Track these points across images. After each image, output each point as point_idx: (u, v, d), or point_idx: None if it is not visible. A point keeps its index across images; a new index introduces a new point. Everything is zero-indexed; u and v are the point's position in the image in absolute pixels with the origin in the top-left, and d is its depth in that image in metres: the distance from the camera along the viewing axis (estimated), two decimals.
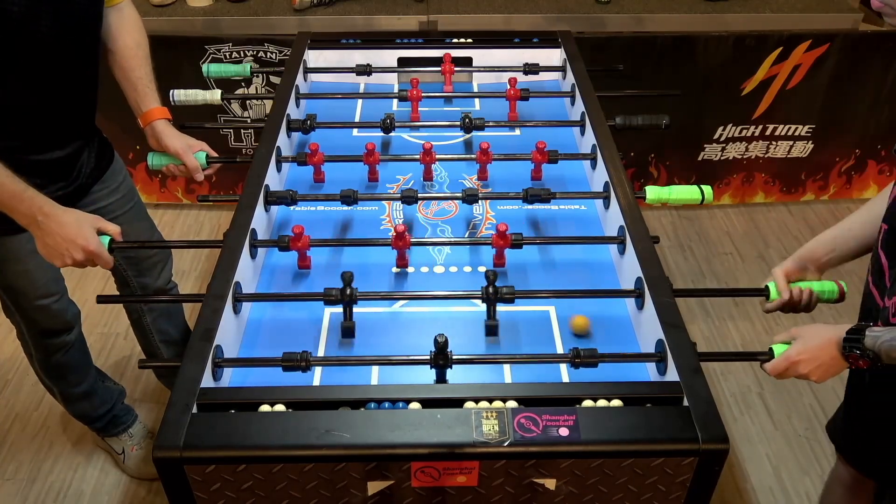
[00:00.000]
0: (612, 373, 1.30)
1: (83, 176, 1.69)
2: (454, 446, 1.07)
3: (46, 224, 1.38)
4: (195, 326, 1.25)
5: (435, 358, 1.23)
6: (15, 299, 1.75)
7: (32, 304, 1.75)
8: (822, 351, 1.21)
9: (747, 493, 2.16)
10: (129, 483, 2.17)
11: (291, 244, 1.47)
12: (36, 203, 1.38)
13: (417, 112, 1.93)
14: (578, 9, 2.78)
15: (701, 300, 2.79)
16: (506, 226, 1.47)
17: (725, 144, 3.08)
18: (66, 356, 1.90)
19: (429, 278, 1.52)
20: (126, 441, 2.17)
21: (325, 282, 1.44)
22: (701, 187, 1.59)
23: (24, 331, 1.85)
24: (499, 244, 1.49)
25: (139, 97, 1.69)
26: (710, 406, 1.12)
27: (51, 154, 1.59)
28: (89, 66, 1.60)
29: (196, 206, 3.22)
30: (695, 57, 2.81)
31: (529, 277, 1.53)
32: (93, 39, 1.58)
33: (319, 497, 1.12)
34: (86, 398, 2.03)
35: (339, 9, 2.78)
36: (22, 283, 1.71)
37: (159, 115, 1.69)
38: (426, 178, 1.77)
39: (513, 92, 1.94)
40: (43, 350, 1.88)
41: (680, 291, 1.36)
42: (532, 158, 1.74)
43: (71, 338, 1.88)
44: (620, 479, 1.11)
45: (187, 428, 1.08)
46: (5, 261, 1.66)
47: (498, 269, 1.52)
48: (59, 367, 1.92)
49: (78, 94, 1.61)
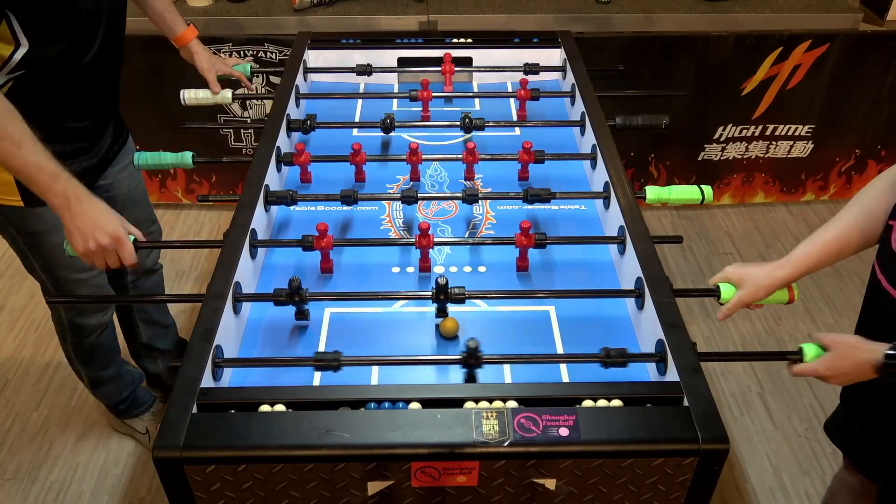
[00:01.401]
0: (612, 373, 1.30)
1: (104, 149, 1.77)
2: (454, 446, 1.07)
3: (79, 207, 1.40)
4: (195, 326, 1.25)
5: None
6: (56, 277, 1.80)
7: (72, 277, 1.80)
8: (854, 369, 1.21)
9: (747, 493, 2.16)
10: (128, 483, 2.17)
11: (315, 244, 1.47)
12: (71, 186, 1.41)
13: (428, 111, 1.94)
14: (578, 9, 2.78)
15: (701, 300, 2.79)
16: (529, 223, 1.47)
17: (725, 144, 3.08)
18: (100, 339, 1.97)
19: (428, 278, 1.52)
20: (149, 420, 2.25)
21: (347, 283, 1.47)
22: (701, 187, 1.59)
23: (63, 312, 1.90)
24: (522, 244, 1.49)
25: (169, 25, 1.91)
26: (710, 406, 1.12)
27: (79, 123, 1.66)
28: (120, 30, 1.70)
29: (196, 206, 3.23)
30: (695, 57, 2.81)
31: (529, 277, 1.53)
32: (123, 3, 1.69)
33: (319, 497, 1.12)
34: (112, 381, 2.11)
35: (339, 9, 2.78)
36: (62, 257, 1.74)
37: (191, 36, 1.94)
38: (413, 179, 1.78)
39: (523, 92, 1.94)
40: (78, 332, 1.94)
41: (680, 291, 1.36)
42: (519, 158, 1.75)
43: (106, 318, 1.95)
44: (620, 479, 1.11)
45: (187, 428, 1.08)
46: (43, 233, 1.71)
47: (521, 273, 1.53)
48: (91, 350, 1.98)
49: (111, 60, 1.68)
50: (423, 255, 1.51)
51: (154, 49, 2.65)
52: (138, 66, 2.74)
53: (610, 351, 1.24)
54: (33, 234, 1.72)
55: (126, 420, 2.25)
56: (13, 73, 1.47)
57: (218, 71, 1.98)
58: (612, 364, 1.24)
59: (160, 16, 1.89)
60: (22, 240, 1.74)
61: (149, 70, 2.75)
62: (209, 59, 1.97)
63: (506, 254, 1.56)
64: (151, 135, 2.88)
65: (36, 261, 1.78)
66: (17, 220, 1.70)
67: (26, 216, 1.68)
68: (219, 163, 1.86)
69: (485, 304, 1.45)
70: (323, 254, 1.50)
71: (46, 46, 1.48)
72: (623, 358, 1.24)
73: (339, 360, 1.21)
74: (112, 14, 1.62)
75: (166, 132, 2.88)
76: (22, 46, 1.44)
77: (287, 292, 1.32)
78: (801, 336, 2.64)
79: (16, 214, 1.68)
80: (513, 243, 1.49)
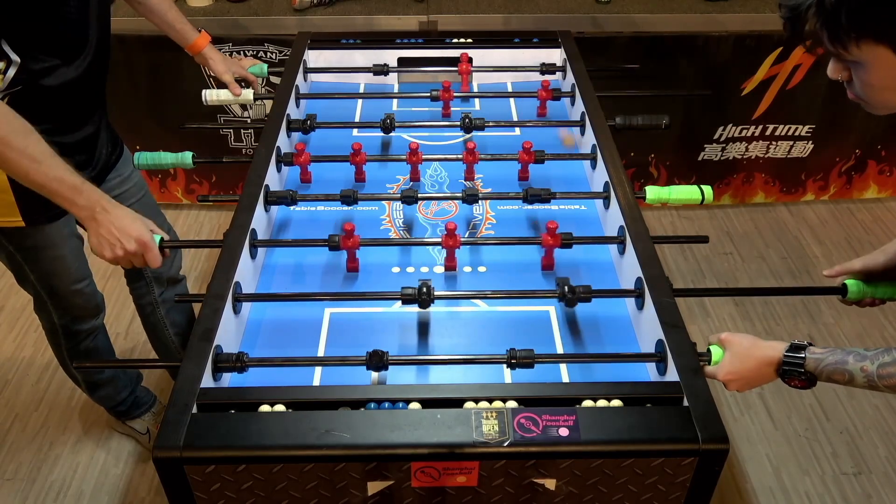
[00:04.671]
0: (612, 373, 1.30)
1: (102, 157, 1.77)
2: (454, 446, 1.07)
3: (104, 216, 1.42)
4: (195, 326, 1.25)
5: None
6: (51, 287, 1.81)
7: (68, 288, 1.82)
8: (755, 373, 1.20)
9: (747, 493, 2.16)
10: (129, 483, 2.17)
11: (342, 243, 1.47)
12: (94, 197, 1.42)
13: (449, 110, 1.95)
14: (578, 9, 2.78)
15: (701, 300, 2.79)
16: (556, 224, 1.47)
17: (725, 144, 3.08)
18: (95, 342, 1.98)
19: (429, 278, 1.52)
20: (149, 420, 2.25)
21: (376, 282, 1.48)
22: (701, 187, 1.59)
23: (56, 320, 1.91)
24: (548, 243, 1.49)
25: (180, 34, 1.93)
26: (710, 406, 1.12)
27: (75, 134, 1.66)
28: (108, 33, 1.69)
29: (196, 206, 3.23)
30: (695, 57, 2.81)
31: (529, 277, 1.53)
32: (107, 6, 1.68)
33: (319, 497, 1.12)
34: (110, 383, 2.11)
35: (339, 9, 2.78)
36: (59, 269, 1.77)
37: (204, 43, 1.96)
38: (413, 179, 1.78)
39: (544, 93, 1.95)
40: (73, 338, 1.94)
41: (680, 291, 1.36)
42: (519, 158, 1.75)
43: (98, 322, 1.97)
44: (620, 479, 1.11)
45: (187, 428, 1.08)
46: (43, 248, 1.72)
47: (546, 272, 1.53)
48: (87, 354, 1.98)
49: (102, 66, 1.68)
50: (448, 254, 1.52)
51: (154, 49, 2.65)
52: (138, 66, 2.74)
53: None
54: (33, 248, 1.72)
55: (127, 421, 2.25)
56: (9, 90, 1.46)
57: (234, 73, 1.98)
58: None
59: (170, 26, 1.91)
60: (20, 255, 1.74)
61: (149, 70, 2.76)
62: (224, 63, 1.98)
63: (506, 254, 1.56)
64: (151, 135, 2.88)
65: (32, 272, 1.78)
66: (16, 238, 1.70)
67: (27, 233, 1.68)
68: (219, 163, 1.86)
69: (485, 304, 1.45)
70: (349, 253, 1.51)
71: (38, 60, 1.48)
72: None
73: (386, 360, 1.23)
74: (99, 19, 1.61)
75: (166, 132, 2.88)
76: (14, 64, 1.44)
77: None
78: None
79: (15, 233, 1.68)
80: (538, 243, 1.50)
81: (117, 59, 2.68)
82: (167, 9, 1.89)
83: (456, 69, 2.09)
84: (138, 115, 2.87)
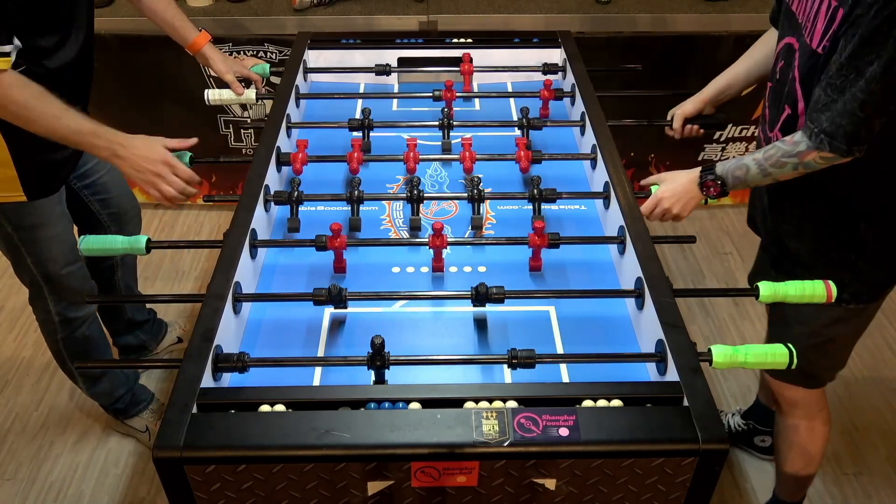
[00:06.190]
0: (612, 373, 1.30)
1: None
2: (454, 446, 1.07)
3: (124, 150, 1.53)
4: (195, 326, 1.25)
5: (372, 359, 1.23)
6: (46, 270, 1.85)
7: (62, 271, 1.86)
8: (683, 188, 1.53)
9: (747, 494, 2.16)
10: (129, 483, 2.17)
11: (329, 243, 1.47)
12: (109, 136, 1.53)
13: (452, 111, 1.95)
14: (578, 9, 2.78)
15: (701, 300, 2.79)
16: (542, 223, 1.47)
17: (725, 144, 3.08)
18: (90, 329, 2.01)
19: (429, 278, 1.52)
20: (148, 418, 2.25)
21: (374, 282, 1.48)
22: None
23: (52, 307, 1.93)
24: (536, 243, 1.49)
25: (180, 33, 1.93)
26: (710, 406, 1.12)
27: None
28: (92, 19, 1.73)
29: (196, 206, 3.23)
30: (695, 57, 2.80)
31: (529, 277, 1.53)
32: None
33: (319, 497, 1.12)
34: (106, 376, 2.13)
35: (339, 9, 2.78)
36: (54, 250, 1.82)
37: (203, 42, 1.96)
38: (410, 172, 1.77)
39: (547, 93, 1.95)
40: (68, 326, 1.97)
41: (680, 291, 1.36)
42: (516, 158, 1.75)
43: (92, 309, 2.01)
44: (620, 479, 1.11)
45: (187, 428, 1.08)
46: (38, 227, 1.77)
47: (534, 273, 1.53)
48: (83, 343, 2.01)
49: (88, 47, 1.72)
50: (436, 254, 1.51)
51: (152, 49, 2.65)
52: (136, 66, 2.74)
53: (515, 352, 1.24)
54: (30, 227, 1.76)
55: (126, 421, 2.25)
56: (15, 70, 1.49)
57: (236, 73, 1.98)
58: (517, 367, 1.23)
59: (170, 25, 1.92)
60: (17, 235, 1.78)
61: (147, 70, 2.75)
62: (224, 62, 1.97)
63: (507, 254, 1.56)
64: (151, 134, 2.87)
65: (29, 255, 1.82)
66: (15, 215, 1.74)
67: (26, 210, 1.72)
68: (218, 163, 1.87)
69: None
70: (336, 253, 1.50)
71: (36, 38, 1.53)
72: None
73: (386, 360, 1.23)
74: (88, 2, 1.66)
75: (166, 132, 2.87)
76: (13, 44, 1.47)
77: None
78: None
79: (15, 210, 1.72)
80: (525, 243, 1.49)
81: (117, 59, 2.69)
82: (166, 6, 1.90)
83: (456, 69, 2.09)
84: (138, 115, 2.86)
